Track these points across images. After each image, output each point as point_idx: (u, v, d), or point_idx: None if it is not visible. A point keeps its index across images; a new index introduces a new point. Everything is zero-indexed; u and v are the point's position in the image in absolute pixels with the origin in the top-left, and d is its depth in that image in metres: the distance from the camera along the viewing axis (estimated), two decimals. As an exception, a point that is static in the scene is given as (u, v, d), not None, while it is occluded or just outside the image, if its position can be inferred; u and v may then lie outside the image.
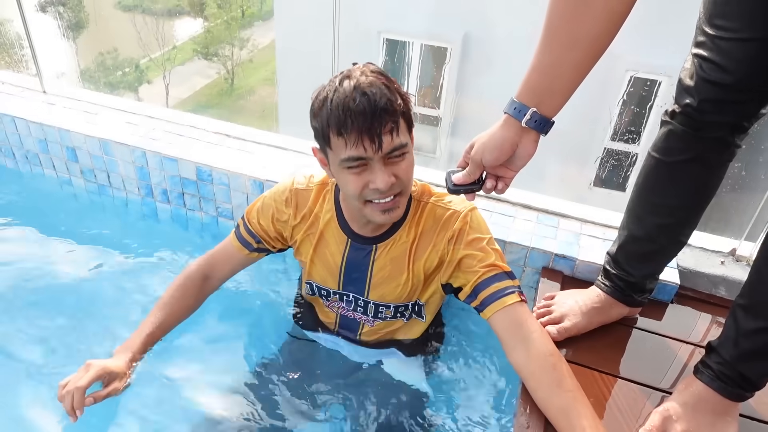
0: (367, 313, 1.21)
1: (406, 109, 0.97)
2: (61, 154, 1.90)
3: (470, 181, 0.97)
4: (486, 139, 0.92)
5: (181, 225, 1.85)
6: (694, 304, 1.34)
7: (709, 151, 1.01)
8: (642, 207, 1.12)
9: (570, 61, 0.82)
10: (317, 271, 1.20)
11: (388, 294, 1.16)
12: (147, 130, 1.86)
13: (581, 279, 1.38)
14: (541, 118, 0.86)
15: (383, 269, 1.14)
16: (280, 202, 1.18)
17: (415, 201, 1.12)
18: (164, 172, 1.76)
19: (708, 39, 0.91)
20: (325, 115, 0.93)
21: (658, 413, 0.99)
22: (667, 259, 1.18)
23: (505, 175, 0.95)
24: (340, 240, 1.15)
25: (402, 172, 0.96)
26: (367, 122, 0.90)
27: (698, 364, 1.01)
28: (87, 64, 10.74)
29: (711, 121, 0.97)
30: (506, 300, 1.04)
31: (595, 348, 1.18)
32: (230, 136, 1.87)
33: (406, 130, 0.98)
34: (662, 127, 1.05)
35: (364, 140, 0.91)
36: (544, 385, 0.98)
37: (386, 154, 0.93)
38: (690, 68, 0.95)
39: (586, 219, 1.52)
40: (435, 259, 1.11)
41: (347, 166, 0.95)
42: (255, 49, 12.27)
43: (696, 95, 0.95)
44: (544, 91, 0.86)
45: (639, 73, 4.97)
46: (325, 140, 0.96)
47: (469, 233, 1.08)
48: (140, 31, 11.28)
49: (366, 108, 0.90)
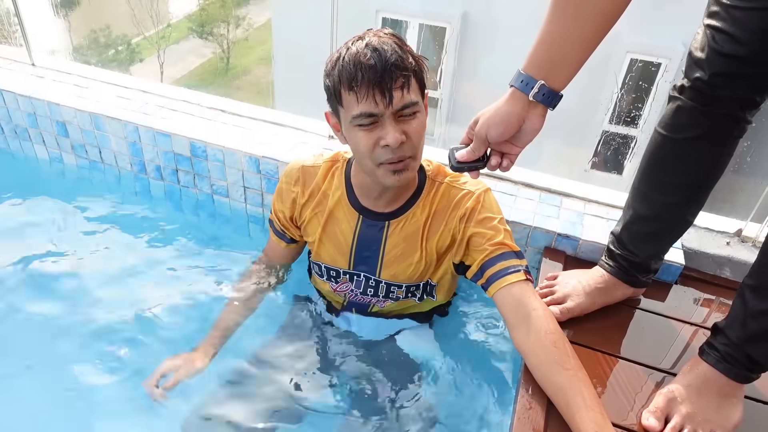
0: (378, 294, 1.18)
1: (419, 70, 0.97)
2: (51, 129, 1.85)
3: (474, 158, 0.93)
4: (491, 114, 0.89)
5: (175, 202, 1.81)
6: (698, 285, 1.32)
7: (718, 127, 0.97)
8: (648, 185, 1.09)
9: (578, 34, 0.79)
10: (326, 251, 1.17)
11: (400, 273, 1.14)
12: (139, 104, 1.81)
13: (584, 259, 1.36)
14: (549, 91, 0.83)
15: (396, 247, 1.12)
16: (289, 183, 1.18)
17: (429, 180, 1.11)
18: (157, 148, 1.72)
19: (722, 8, 0.87)
20: (337, 72, 0.94)
21: (663, 395, 0.97)
22: (673, 238, 1.16)
23: (510, 151, 0.92)
24: (351, 217, 1.13)
25: (413, 132, 0.95)
26: (377, 76, 0.90)
27: (704, 346, 0.99)
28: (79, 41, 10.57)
29: (722, 96, 0.93)
30: (510, 278, 1.03)
31: (598, 328, 1.16)
32: (225, 111, 1.82)
33: (418, 91, 0.97)
34: (670, 102, 1.01)
35: (375, 94, 0.91)
36: (544, 364, 0.97)
37: (397, 110, 0.93)
38: (701, 40, 0.92)
39: (590, 198, 1.49)
40: (447, 237, 1.10)
41: (358, 123, 0.95)
42: (251, 27, 12.10)
43: (707, 68, 0.91)
44: (552, 63, 0.82)
45: (639, 54, 4.92)
46: (337, 98, 0.96)
47: (480, 212, 1.07)
48: (134, 8, 11.09)
49: (377, 62, 0.90)
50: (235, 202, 1.72)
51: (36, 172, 1.92)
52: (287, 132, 1.74)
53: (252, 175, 1.63)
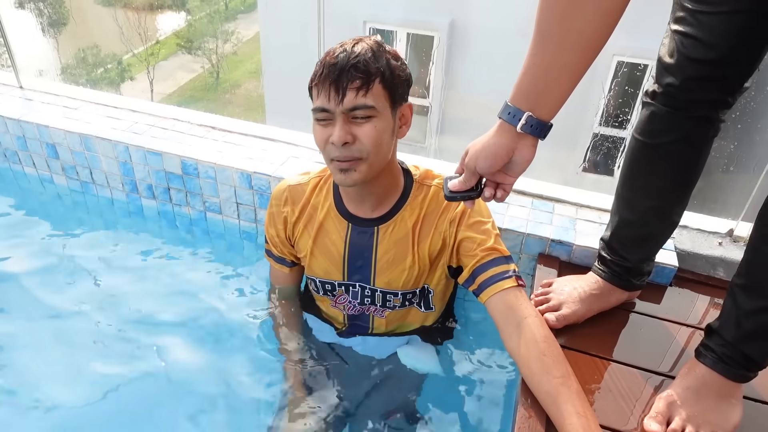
0: (375, 302, 1.18)
1: (390, 76, 0.96)
2: (41, 151, 1.84)
3: (466, 188, 0.93)
4: (480, 146, 0.88)
5: (169, 221, 1.81)
6: (692, 286, 1.32)
7: (694, 130, 0.98)
8: (631, 190, 1.10)
9: (563, 63, 0.77)
10: (318, 264, 1.17)
11: (394, 279, 1.13)
12: (129, 124, 1.81)
13: (578, 264, 1.36)
14: (537, 123, 0.81)
15: (387, 253, 1.12)
16: (278, 205, 1.18)
17: (416, 183, 1.12)
18: (148, 167, 1.71)
19: (688, 14, 0.88)
20: (313, 71, 0.98)
21: (662, 399, 0.97)
22: (661, 240, 1.16)
23: (503, 181, 0.91)
24: (340, 226, 1.13)
25: (363, 134, 0.95)
26: (335, 74, 0.93)
27: (699, 347, 0.99)
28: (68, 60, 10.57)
29: (695, 100, 0.94)
30: (502, 284, 1.03)
31: (594, 333, 1.16)
32: (216, 128, 1.82)
33: (384, 98, 0.97)
34: (644, 108, 1.01)
35: (330, 91, 0.94)
36: (534, 371, 0.96)
37: (347, 109, 0.94)
38: (670, 45, 0.92)
39: (582, 203, 1.50)
40: (438, 241, 1.10)
41: (316, 117, 0.98)
42: (239, 42, 12.15)
43: (678, 73, 0.92)
44: (538, 95, 0.81)
45: (626, 57, 4.96)
46: (310, 92, 1.00)
47: (471, 216, 1.08)
48: (122, 26, 11.11)
49: (339, 61, 0.93)
50: (228, 218, 1.72)
51: (27, 195, 1.91)
52: (278, 147, 1.74)
53: (244, 191, 1.63)
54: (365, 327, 1.25)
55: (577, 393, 0.93)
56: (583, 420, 0.88)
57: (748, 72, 0.91)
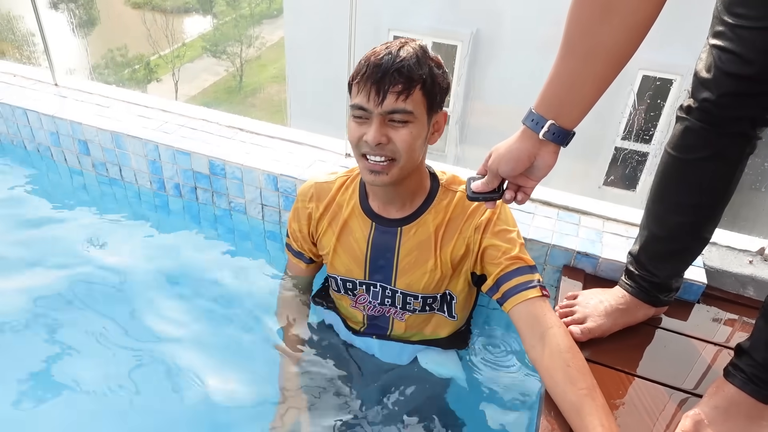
0: (396, 304, 1.18)
1: (431, 83, 0.98)
2: (73, 147, 1.89)
3: (489, 190, 0.95)
4: (503, 151, 0.90)
5: (193, 216, 1.83)
6: (721, 304, 1.30)
7: (729, 147, 0.96)
8: (661, 206, 1.08)
9: (589, 73, 0.79)
10: (341, 262, 1.18)
11: (415, 282, 1.14)
12: (159, 123, 1.84)
13: (604, 278, 1.35)
14: (559, 131, 0.83)
15: (410, 254, 1.12)
16: (304, 201, 1.20)
17: (442, 188, 1.13)
18: (177, 166, 1.74)
19: (727, 28, 0.87)
20: (356, 65, 0.99)
21: (690, 417, 0.95)
22: (691, 257, 1.14)
23: (525, 184, 0.93)
24: (364, 225, 1.14)
25: (398, 138, 0.97)
26: (378, 75, 0.94)
27: (728, 367, 0.97)
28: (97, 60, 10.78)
29: (731, 116, 0.92)
30: (527, 294, 1.03)
31: (619, 348, 1.14)
32: (243, 130, 1.84)
33: (423, 104, 0.98)
34: (678, 123, 1.00)
35: (371, 91, 0.94)
36: (558, 382, 0.96)
37: (386, 111, 0.95)
38: (707, 60, 0.91)
39: (608, 216, 1.48)
40: (462, 246, 1.10)
41: (353, 114, 0.99)
42: (263, 46, 12.28)
43: (715, 89, 0.91)
44: (562, 103, 0.82)
45: (651, 71, 4.92)
46: (350, 87, 1.01)
47: (496, 224, 1.08)
48: (150, 28, 11.31)
49: (384, 63, 0.94)
50: (252, 219, 1.74)
51: (58, 185, 1.94)
52: (304, 150, 1.76)
53: (270, 193, 1.65)
54: (384, 328, 1.24)
55: (602, 406, 0.92)
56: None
57: None
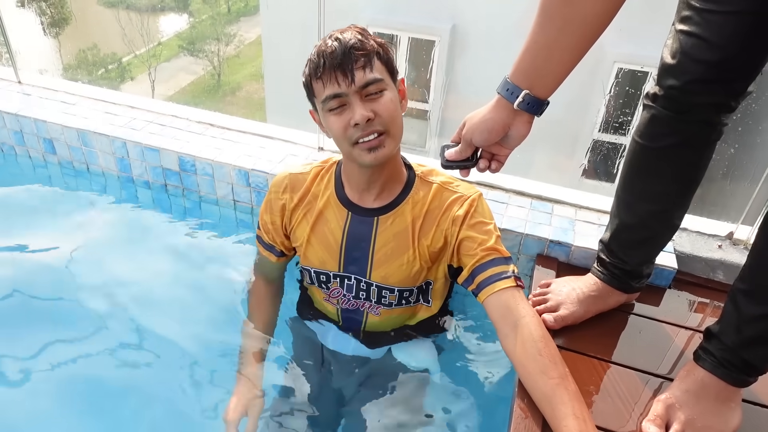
0: (370, 298, 1.16)
1: (383, 53, 1.00)
2: (38, 146, 1.83)
3: (463, 158, 0.97)
4: (477, 120, 0.91)
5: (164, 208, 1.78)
6: (691, 288, 1.31)
7: (695, 134, 0.96)
8: (631, 194, 1.08)
9: (564, 44, 0.80)
10: (314, 253, 1.16)
11: (391, 274, 1.12)
12: (127, 120, 1.80)
13: (577, 265, 1.35)
14: (534, 100, 0.85)
15: (386, 245, 1.11)
16: (277, 192, 1.18)
17: (419, 179, 1.12)
18: (146, 163, 1.70)
19: (694, 13, 0.86)
20: (307, 67, 1.00)
21: (661, 401, 0.96)
22: (662, 243, 1.15)
23: (498, 152, 0.95)
24: (340, 215, 1.12)
25: (381, 108, 0.97)
26: (337, 59, 0.95)
27: (698, 350, 0.98)
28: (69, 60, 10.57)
29: (696, 103, 0.92)
30: (500, 284, 1.02)
31: (593, 335, 1.15)
32: (214, 125, 1.81)
33: (385, 71, 1.00)
34: (644, 110, 0.99)
35: (338, 75, 0.95)
36: (531, 371, 0.95)
37: (360, 87, 0.96)
38: (672, 45, 0.90)
39: (581, 205, 1.49)
40: (440, 239, 1.09)
41: (328, 108, 0.98)
42: (241, 44, 12.17)
43: (680, 75, 0.90)
44: (538, 73, 0.84)
45: (627, 64, 4.97)
46: (310, 90, 1.01)
47: (473, 216, 1.08)
48: (124, 27, 11.13)
49: (337, 48, 0.96)
50: (224, 208, 1.70)
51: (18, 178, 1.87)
52: (277, 144, 1.73)
53: (242, 188, 1.62)
54: (359, 321, 1.22)
55: (574, 394, 0.92)
56: (580, 422, 0.87)
57: (752, 75, 0.89)
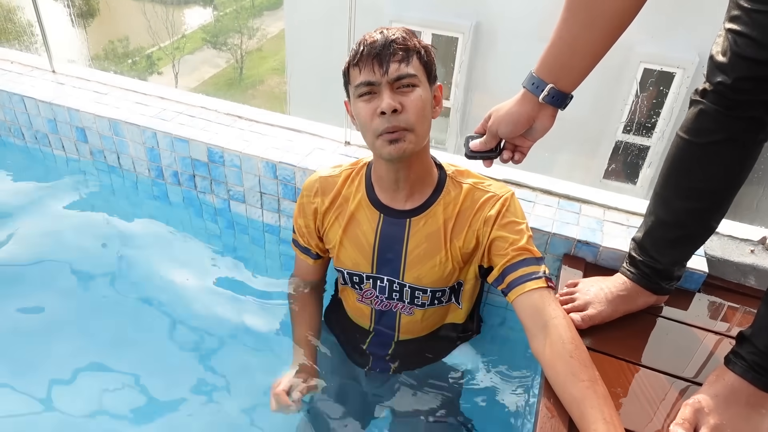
0: (403, 299, 1.16)
1: (425, 54, 1.01)
2: (71, 135, 1.87)
3: (487, 149, 1.00)
4: (503, 113, 0.94)
5: (193, 208, 1.82)
6: (721, 293, 1.29)
7: (743, 131, 0.96)
8: (671, 191, 1.07)
9: (590, 39, 0.82)
10: (347, 255, 1.16)
11: (424, 275, 1.12)
12: (157, 111, 1.83)
13: (604, 266, 1.34)
14: (558, 94, 0.87)
15: (419, 246, 1.11)
16: (309, 195, 1.18)
17: (450, 179, 1.12)
18: (175, 154, 1.73)
19: (743, 12, 0.86)
20: (349, 54, 1.01)
21: (690, 405, 0.94)
22: (696, 244, 1.13)
23: (522, 144, 0.98)
24: (372, 217, 1.13)
25: (409, 103, 0.98)
26: (377, 49, 0.97)
27: (730, 355, 0.97)
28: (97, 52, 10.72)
29: (745, 100, 0.92)
30: (531, 284, 1.02)
31: (620, 337, 1.14)
32: (242, 117, 1.83)
33: (421, 70, 1.01)
34: (692, 106, 0.99)
35: (374, 65, 0.97)
36: (560, 374, 0.95)
37: (393, 79, 0.97)
38: (723, 44, 0.90)
39: (609, 205, 1.47)
40: (472, 239, 1.09)
41: (359, 93, 1.00)
42: (264, 38, 12.22)
43: (730, 72, 0.90)
44: (562, 67, 0.86)
45: (652, 64, 4.89)
46: (347, 77, 1.03)
47: (505, 215, 1.08)
48: (150, 19, 11.25)
49: (378, 40, 0.98)
50: (251, 207, 1.73)
51: (55, 176, 1.93)
52: (303, 138, 1.74)
53: (269, 181, 1.63)
54: (392, 327, 1.22)
55: (604, 398, 0.90)
56: (610, 426, 0.86)
57: None
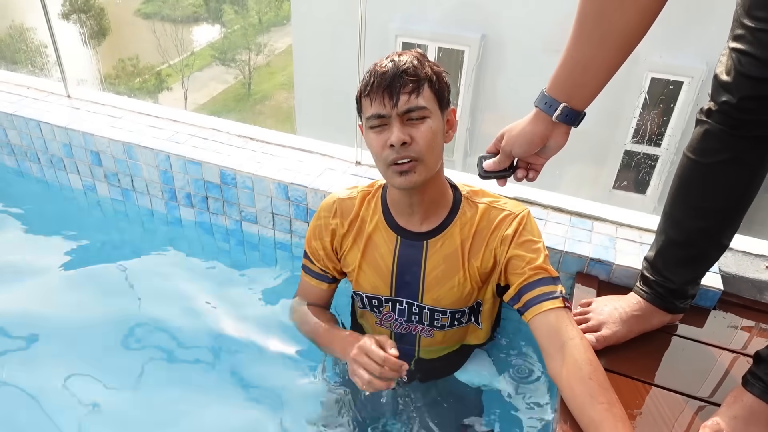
0: (423, 321, 1.16)
1: (437, 81, 1.00)
2: (85, 159, 1.90)
3: (501, 169, 1.01)
4: (517, 133, 0.95)
5: (206, 231, 1.84)
6: (737, 310, 1.28)
7: (749, 150, 0.96)
8: (680, 210, 1.07)
9: (602, 56, 0.83)
10: (366, 279, 1.16)
11: (443, 297, 1.12)
12: (170, 133, 1.85)
13: (618, 284, 1.33)
14: (571, 112, 0.88)
15: (436, 268, 1.11)
16: (327, 217, 1.17)
17: (465, 199, 1.12)
18: (188, 176, 1.75)
19: (747, 32, 0.86)
20: (361, 83, 1.02)
21: (708, 428, 0.94)
22: (709, 263, 1.13)
23: (535, 162, 0.98)
24: (389, 239, 1.13)
25: (419, 135, 0.97)
26: (387, 80, 0.96)
27: (747, 375, 0.96)
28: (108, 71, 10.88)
29: (750, 119, 0.91)
30: (548, 304, 1.01)
31: (635, 356, 1.13)
32: (254, 139, 1.85)
33: (433, 99, 1.00)
34: (698, 126, 1.00)
35: (384, 97, 0.96)
36: (577, 396, 0.94)
37: (402, 112, 0.97)
38: (727, 63, 0.90)
39: (622, 222, 1.47)
40: (490, 259, 1.09)
41: (370, 125, 1.00)
42: (272, 54, 12.36)
43: (735, 92, 0.90)
44: (574, 86, 0.87)
45: (660, 74, 4.89)
46: (359, 106, 1.03)
47: (522, 234, 1.07)
48: (159, 37, 11.42)
49: (389, 69, 0.97)
50: (263, 228, 1.74)
51: (70, 202, 1.96)
52: (315, 158, 1.76)
53: (281, 202, 1.65)
54: (412, 347, 1.22)
55: (622, 421, 0.90)
56: None
57: None
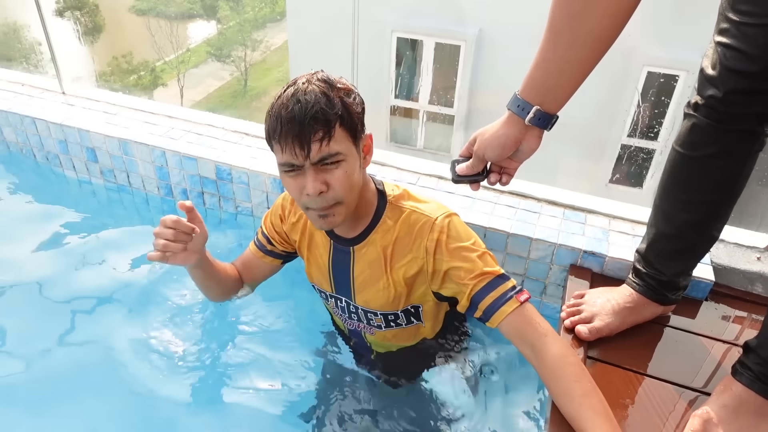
0: (361, 320, 1.19)
1: (347, 116, 0.94)
2: (81, 155, 1.90)
3: (474, 173, 1.00)
4: (489, 136, 0.94)
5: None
6: (729, 301, 1.30)
7: (736, 143, 0.96)
8: (669, 203, 1.08)
9: (574, 60, 0.82)
10: (314, 272, 1.20)
11: (371, 300, 1.12)
12: (166, 129, 1.86)
13: (611, 276, 1.35)
14: (544, 115, 0.87)
15: (363, 273, 1.11)
16: (287, 200, 1.21)
17: (390, 205, 1.08)
18: (184, 172, 1.75)
19: (732, 25, 0.87)
20: (266, 123, 0.95)
21: (698, 417, 0.95)
22: (699, 254, 1.14)
23: (508, 166, 0.98)
24: (324, 242, 1.15)
25: (335, 181, 0.94)
26: (295, 129, 0.90)
27: (736, 365, 0.97)
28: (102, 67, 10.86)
29: (737, 113, 0.92)
30: (506, 308, 0.99)
31: (628, 347, 1.14)
32: (249, 134, 1.86)
33: (347, 139, 0.94)
34: (685, 119, 1.00)
35: (295, 147, 0.91)
36: (554, 393, 0.96)
37: (316, 161, 0.92)
38: (712, 57, 0.91)
39: (615, 215, 1.48)
40: (414, 266, 1.06)
41: (284, 170, 0.96)
42: (267, 50, 12.34)
43: (720, 86, 0.91)
44: (548, 89, 0.86)
45: (656, 67, 4.90)
46: (270, 146, 0.97)
47: (448, 243, 1.02)
48: (155, 34, 11.38)
49: (296, 115, 0.90)
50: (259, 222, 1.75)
51: (66, 196, 1.96)
52: (310, 154, 1.76)
53: (276, 196, 1.65)
54: (363, 340, 1.25)
55: (600, 412, 0.90)
56: None
57: None
